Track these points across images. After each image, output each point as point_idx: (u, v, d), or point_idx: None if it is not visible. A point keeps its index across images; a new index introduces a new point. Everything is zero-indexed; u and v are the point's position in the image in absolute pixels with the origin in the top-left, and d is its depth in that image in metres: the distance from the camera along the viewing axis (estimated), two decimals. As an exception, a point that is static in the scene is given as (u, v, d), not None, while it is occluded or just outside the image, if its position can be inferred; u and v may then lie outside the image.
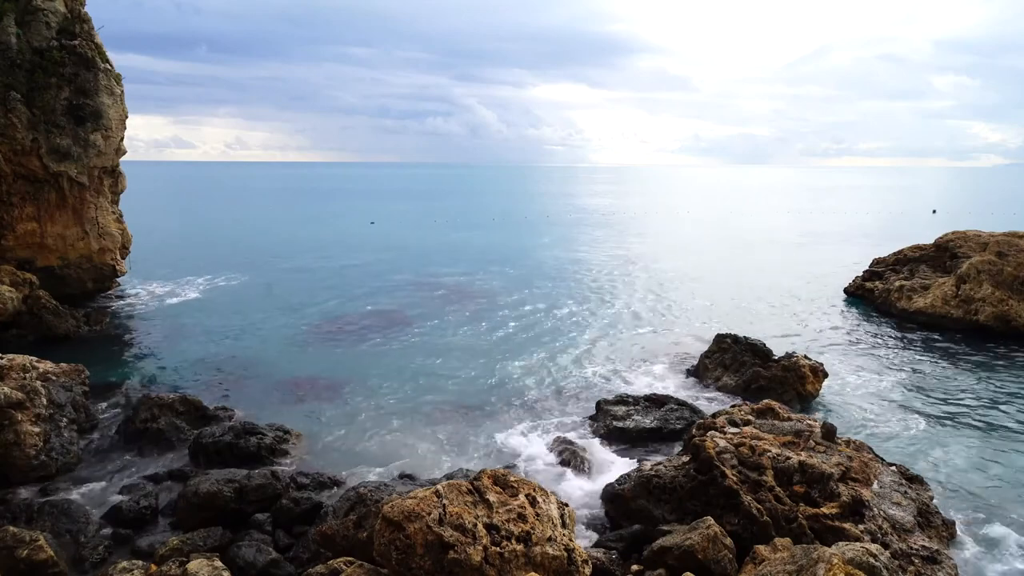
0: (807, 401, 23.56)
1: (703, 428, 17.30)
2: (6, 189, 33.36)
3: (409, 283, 45.86)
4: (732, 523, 13.96)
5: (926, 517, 14.84)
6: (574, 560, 11.49)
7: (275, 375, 26.52)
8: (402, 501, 11.38)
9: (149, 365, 27.99)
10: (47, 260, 35.24)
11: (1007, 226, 49.20)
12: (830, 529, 13.47)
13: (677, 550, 12.90)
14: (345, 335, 32.53)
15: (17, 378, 18.94)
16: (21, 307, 30.66)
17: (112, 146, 36.02)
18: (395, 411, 23.06)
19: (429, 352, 29.68)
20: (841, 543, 11.45)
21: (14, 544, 13.18)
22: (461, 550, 10.73)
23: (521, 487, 12.28)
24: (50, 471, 17.68)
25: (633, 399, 22.26)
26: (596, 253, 61.99)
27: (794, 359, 24.31)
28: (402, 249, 63.52)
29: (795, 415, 18.30)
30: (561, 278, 48.23)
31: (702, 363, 27.17)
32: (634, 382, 26.15)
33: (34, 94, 32.93)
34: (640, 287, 45.08)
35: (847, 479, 14.87)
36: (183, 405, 21.24)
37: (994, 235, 36.40)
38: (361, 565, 11.93)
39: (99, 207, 36.65)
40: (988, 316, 32.00)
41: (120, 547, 15.00)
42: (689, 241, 72.46)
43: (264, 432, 19.56)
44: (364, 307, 38.56)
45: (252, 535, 14.90)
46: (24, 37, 33.18)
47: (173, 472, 18.23)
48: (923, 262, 38.89)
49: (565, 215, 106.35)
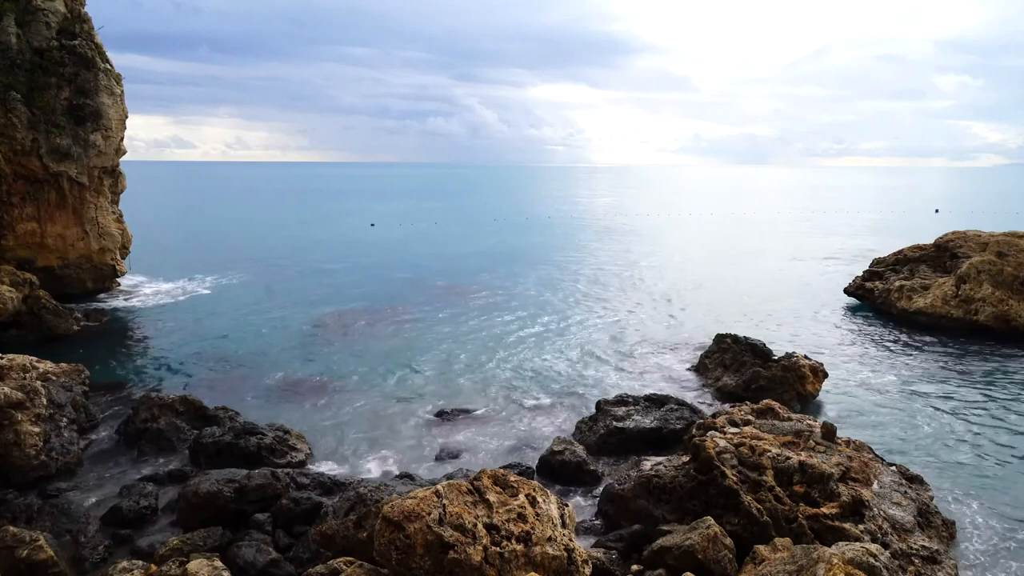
0: (807, 401, 23.55)
1: (703, 428, 17.31)
2: (6, 189, 33.38)
3: (409, 284, 45.87)
4: (732, 523, 13.96)
5: (926, 517, 14.84)
6: (574, 560, 11.49)
7: (275, 375, 26.53)
8: (402, 501, 11.38)
9: (149, 365, 28.00)
10: (47, 260, 35.27)
11: (1007, 226, 49.24)
12: (830, 529, 13.47)
13: (677, 550, 12.90)
14: (345, 335, 32.53)
15: (17, 378, 18.95)
16: (21, 307, 30.67)
17: (112, 146, 36.04)
18: (395, 411, 23.06)
19: (430, 352, 29.68)
20: (841, 543, 11.45)
21: (14, 544, 13.18)
22: (461, 550, 10.73)
23: (521, 487, 12.28)
24: (50, 471, 17.69)
25: (633, 399, 22.25)
26: (596, 253, 62.01)
27: (794, 359, 24.30)
28: (402, 249, 63.56)
29: (795, 415, 18.31)
30: (562, 278, 48.25)
31: (702, 363, 27.17)
32: (634, 382, 26.16)
33: (34, 94, 32.96)
34: (639, 287, 45.09)
35: (847, 479, 14.87)
36: (183, 405, 21.24)
37: (994, 235, 36.39)
38: (361, 565, 11.93)
39: (99, 207, 36.67)
40: (988, 316, 32.00)
41: (120, 547, 15.01)
42: (689, 241, 72.50)
43: (264, 432, 19.55)
44: (364, 308, 38.56)
45: (252, 535, 14.89)
46: (24, 37, 33.19)
47: (173, 472, 18.23)
48: (923, 262, 38.88)
49: (565, 215, 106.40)
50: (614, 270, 52.04)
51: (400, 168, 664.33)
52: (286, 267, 52.33)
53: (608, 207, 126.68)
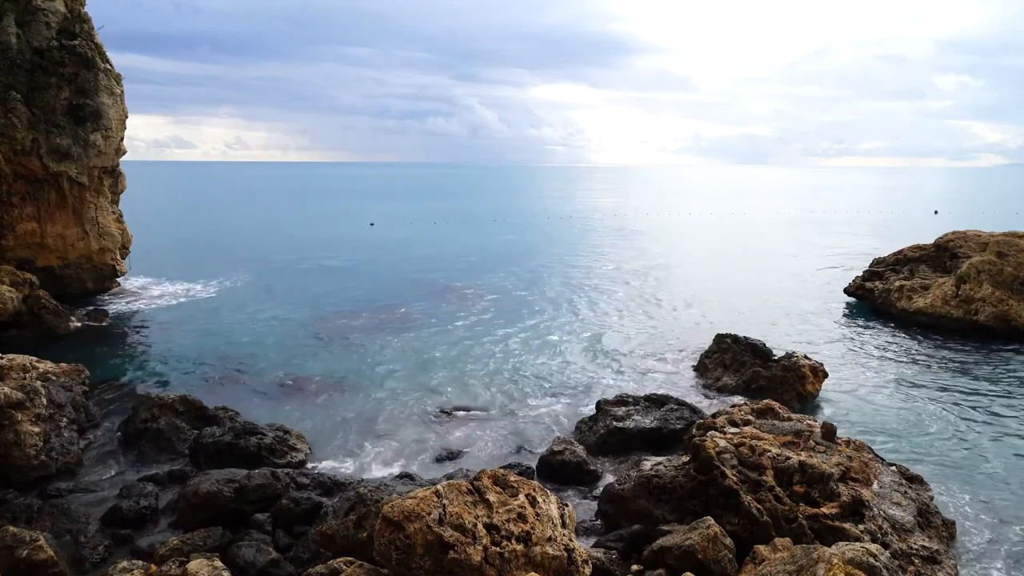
0: (807, 401, 23.55)
1: (703, 428, 17.31)
2: (6, 189, 33.38)
3: (408, 284, 45.87)
4: (732, 523, 13.96)
5: (926, 517, 14.83)
6: (574, 560, 11.49)
7: (275, 375, 26.53)
8: (402, 501, 11.38)
9: (149, 365, 28.01)
10: (47, 260, 35.27)
11: (1007, 226, 49.21)
12: (830, 529, 13.47)
13: (677, 550, 12.90)
14: (345, 335, 32.53)
15: (17, 378, 18.95)
16: (21, 307, 30.68)
17: (112, 146, 36.04)
18: (395, 411, 23.07)
19: (429, 352, 29.69)
20: (841, 543, 11.45)
21: (14, 544, 13.19)
22: (461, 550, 10.73)
23: (521, 487, 12.27)
24: (50, 471, 17.69)
25: (633, 399, 22.26)
26: (596, 253, 62.02)
27: (794, 359, 24.30)
28: (402, 250, 63.57)
29: (795, 415, 18.31)
30: (561, 278, 48.25)
31: (702, 363, 27.17)
32: (634, 382, 26.16)
33: (34, 94, 32.94)
34: (639, 287, 45.09)
35: (847, 479, 14.87)
36: (183, 405, 21.24)
37: (994, 235, 36.39)
38: (361, 565, 11.93)
39: (99, 207, 36.67)
40: (988, 316, 32.00)
41: (120, 547, 15.01)
42: (689, 241, 72.52)
43: (264, 432, 19.55)
44: (364, 307, 38.57)
45: (252, 535, 14.89)
46: (24, 37, 33.19)
47: (173, 472, 18.23)
48: (923, 262, 38.89)
49: (566, 215, 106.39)
50: (614, 270, 52.05)
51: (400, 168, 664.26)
52: (286, 267, 52.34)
53: (608, 207, 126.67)
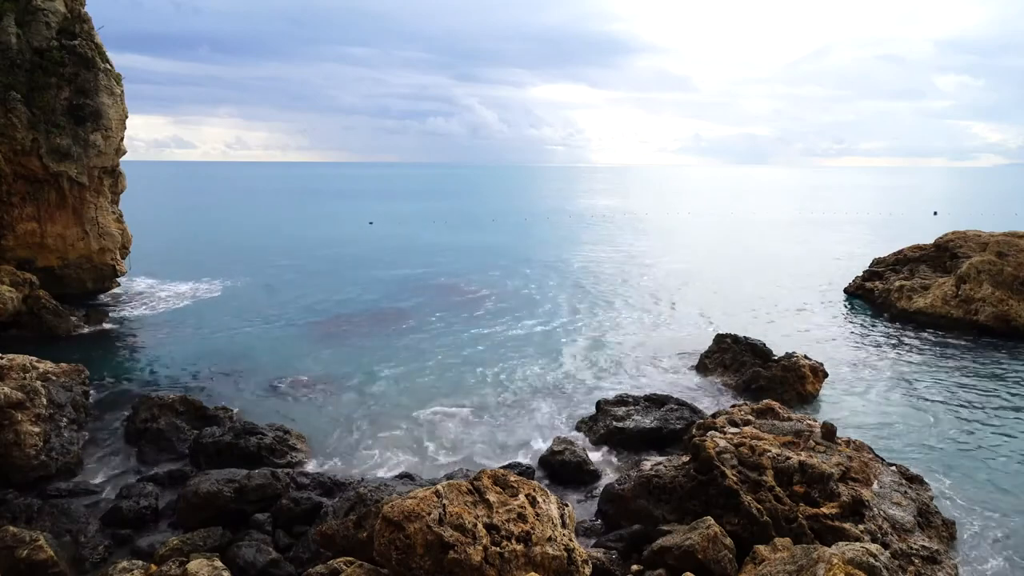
0: (807, 401, 23.56)
1: (703, 428, 17.31)
2: (6, 189, 33.35)
3: (408, 284, 45.87)
4: (732, 523, 13.96)
5: (926, 517, 14.84)
6: (574, 560, 11.49)
7: (275, 375, 26.52)
8: (402, 501, 11.38)
9: (149, 365, 27.99)
10: (47, 260, 35.23)
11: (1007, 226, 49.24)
12: (830, 529, 13.47)
13: (677, 550, 12.90)
14: (345, 335, 32.53)
15: (17, 378, 18.94)
16: (21, 307, 30.67)
17: (112, 146, 36.01)
18: (395, 411, 23.06)
19: (429, 352, 29.69)
20: (841, 543, 11.45)
21: (14, 544, 13.18)
22: (461, 550, 10.73)
23: (521, 487, 12.27)
24: (50, 471, 17.69)
25: (633, 399, 22.27)
26: (596, 253, 62.00)
27: (794, 359, 24.31)
28: (401, 249, 63.53)
29: (795, 415, 18.31)
30: (562, 279, 48.25)
31: (702, 363, 27.18)
32: (634, 382, 26.15)
33: (34, 94, 32.90)
34: (640, 287, 45.09)
35: (847, 479, 14.87)
36: (183, 405, 21.25)
37: (994, 235, 36.40)
38: (361, 565, 11.93)
39: (99, 207, 36.64)
40: (988, 316, 32.00)
41: (120, 547, 15.01)
42: (689, 241, 72.49)
43: (264, 432, 19.56)
44: (363, 308, 38.58)
45: (252, 535, 14.90)
46: (24, 37, 33.17)
47: (173, 472, 18.23)
48: (923, 262, 38.90)
49: (566, 215, 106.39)
50: (613, 270, 52.03)
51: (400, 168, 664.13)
52: (286, 267, 52.32)
53: (608, 207, 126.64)
